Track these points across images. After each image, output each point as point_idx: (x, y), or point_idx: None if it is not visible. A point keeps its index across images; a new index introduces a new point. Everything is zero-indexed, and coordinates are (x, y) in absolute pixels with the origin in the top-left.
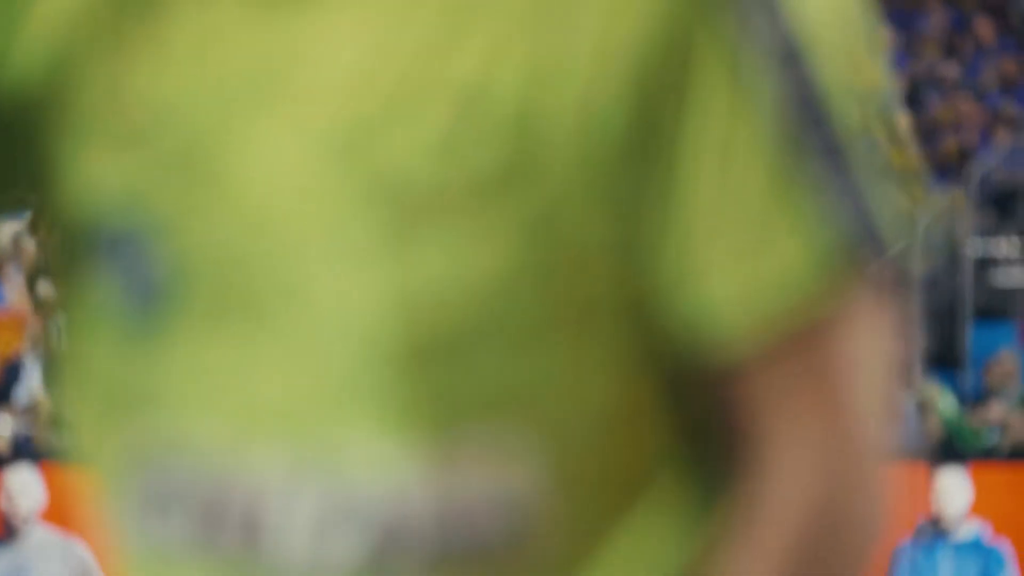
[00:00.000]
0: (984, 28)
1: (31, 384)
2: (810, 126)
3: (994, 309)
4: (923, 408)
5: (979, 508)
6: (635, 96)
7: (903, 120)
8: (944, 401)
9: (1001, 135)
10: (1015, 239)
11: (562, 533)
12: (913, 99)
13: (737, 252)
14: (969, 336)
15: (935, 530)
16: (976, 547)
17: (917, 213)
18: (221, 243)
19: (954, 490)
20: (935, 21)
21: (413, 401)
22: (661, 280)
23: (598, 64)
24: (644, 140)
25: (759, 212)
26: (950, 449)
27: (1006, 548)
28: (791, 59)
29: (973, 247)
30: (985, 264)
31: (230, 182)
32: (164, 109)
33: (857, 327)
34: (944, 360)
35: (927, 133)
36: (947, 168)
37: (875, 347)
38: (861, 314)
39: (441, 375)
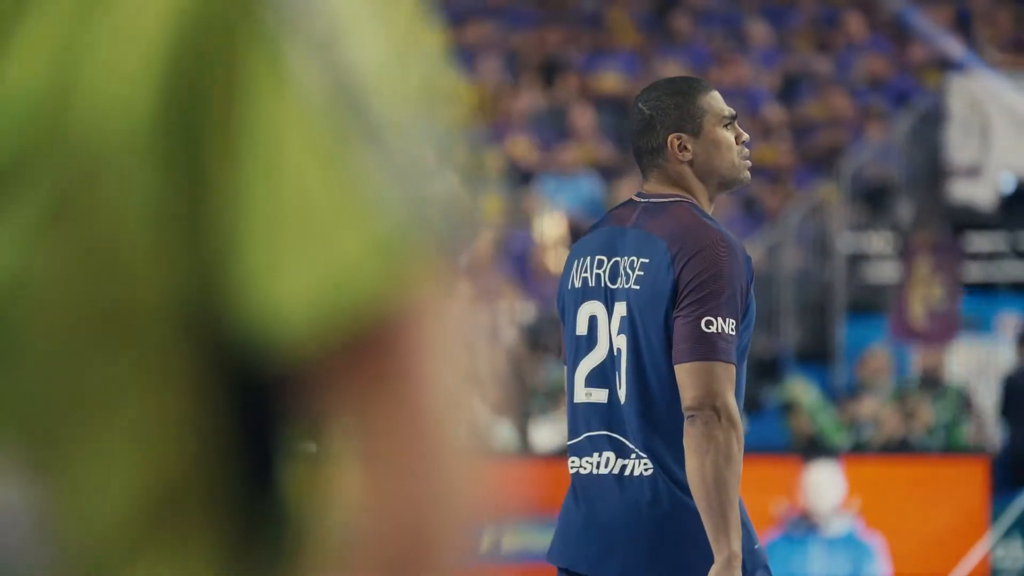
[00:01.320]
0: (855, 23)
1: None
2: (357, 115)
3: (866, 304)
4: (791, 403)
5: (851, 502)
6: (167, 83)
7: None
8: (810, 396)
9: (872, 131)
10: (886, 234)
11: (79, 552)
12: (786, 94)
13: (297, 250)
14: (841, 331)
15: (806, 524)
16: (848, 541)
17: (475, 205)
18: None
19: (825, 484)
20: (806, 16)
21: None
22: (222, 283)
23: (125, 47)
24: (186, 131)
25: (316, 207)
26: (821, 444)
27: (878, 542)
28: (332, 47)
29: (845, 242)
30: (857, 259)
31: None
32: None
33: (430, 321)
34: (816, 355)
35: (800, 128)
36: (819, 163)
37: (450, 341)
38: (433, 307)
39: None
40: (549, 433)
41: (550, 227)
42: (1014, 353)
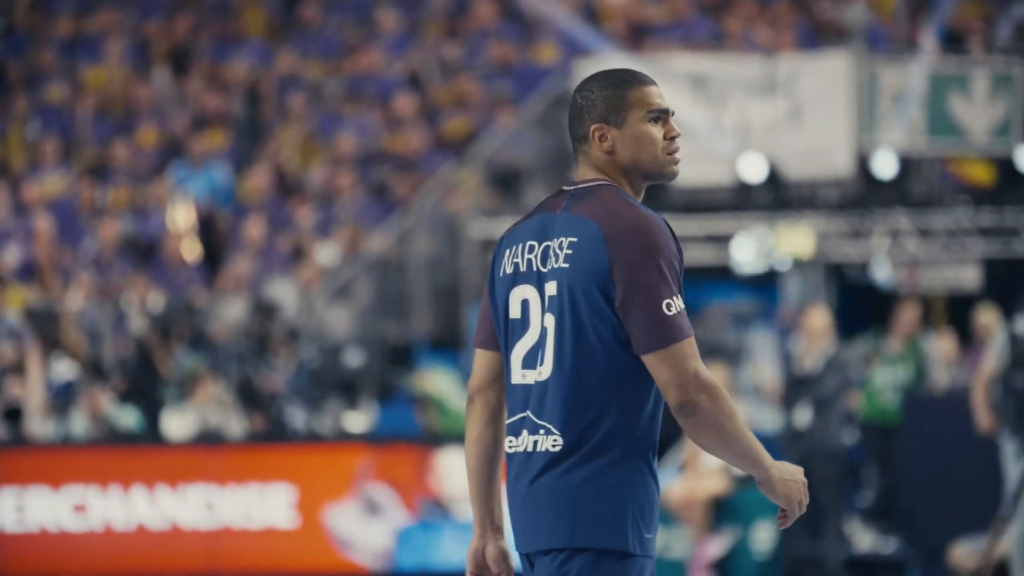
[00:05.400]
0: (484, 10)
1: None
2: None
3: None
4: (421, 396)
5: None
6: None
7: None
8: (440, 383)
9: (502, 116)
10: (517, 220)
11: None
12: (416, 81)
13: None
14: (473, 317)
15: (439, 510)
16: None
17: None
18: None
19: (457, 470)
20: (436, 3)
21: None
22: None
23: None
24: None
25: None
26: (452, 430)
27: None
28: None
29: (476, 228)
30: (489, 245)
31: None
32: None
33: None
34: (449, 341)
35: (431, 114)
36: (450, 149)
37: None
38: None
39: None
40: (180, 422)
41: (181, 216)
42: None
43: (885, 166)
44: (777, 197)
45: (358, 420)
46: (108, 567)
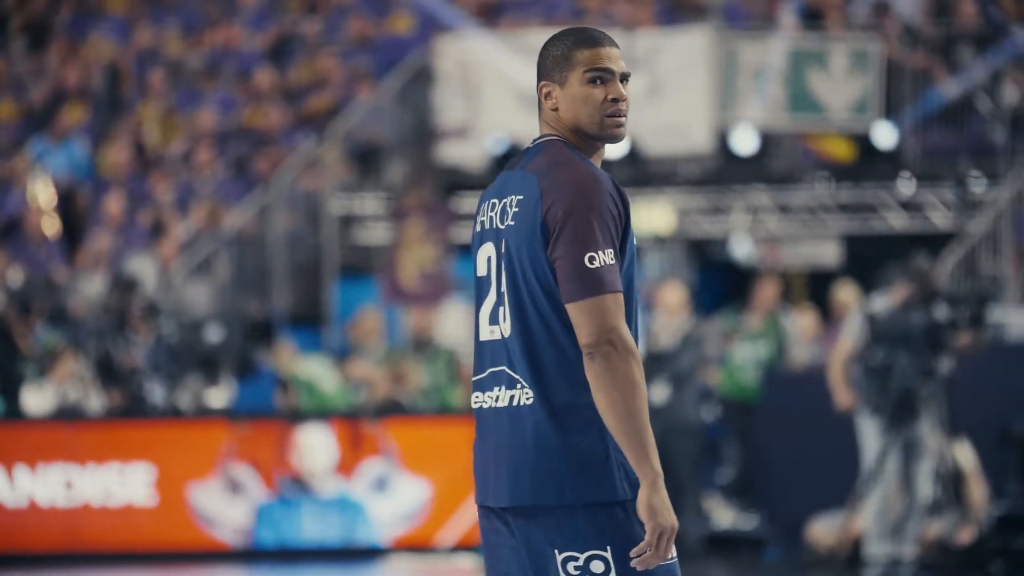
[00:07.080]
0: None
1: None
2: None
3: (357, 266)
4: (289, 375)
5: (346, 465)
6: None
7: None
8: (310, 367)
9: (362, 92)
10: (378, 196)
11: None
12: (276, 56)
13: None
14: (333, 293)
15: (298, 487)
16: (340, 503)
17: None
18: None
19: (318, 447)
20: None
21: None
22: None
23: None
24: None
25: None
26: (311, 408)
27: (370, 504)
28: None
29: (336, 204)
30: (348, 221)
31: None
32: None
33: None
34: (309, 317)
35: (291, 90)
36: (310, 125)
37: None
38: None
39: None
40: (39, 398)
41: (40, 191)
42: None
43: (745, 142)
44: (636, 173)
45: (218, 396)
46: None
